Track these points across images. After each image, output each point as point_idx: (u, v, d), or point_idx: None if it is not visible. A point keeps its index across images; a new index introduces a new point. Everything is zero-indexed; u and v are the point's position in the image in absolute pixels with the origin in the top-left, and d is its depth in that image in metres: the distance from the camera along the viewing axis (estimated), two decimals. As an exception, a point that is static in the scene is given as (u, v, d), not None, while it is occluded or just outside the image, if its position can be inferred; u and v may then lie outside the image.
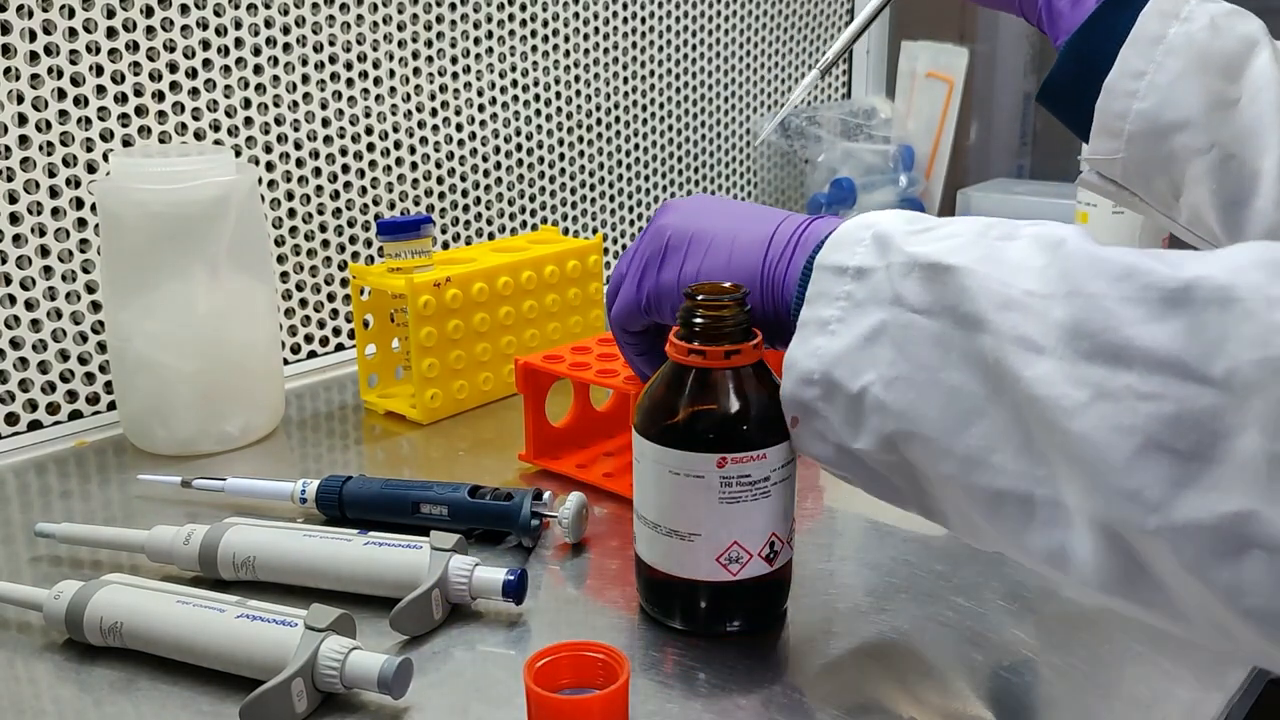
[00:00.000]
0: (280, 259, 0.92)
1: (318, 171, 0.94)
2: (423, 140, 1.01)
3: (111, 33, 0.79)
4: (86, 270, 0.81)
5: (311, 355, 0.96)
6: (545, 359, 0.71)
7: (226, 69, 0.86)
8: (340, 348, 0.98)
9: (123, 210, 0.72)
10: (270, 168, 0.91)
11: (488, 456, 0.76)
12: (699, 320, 0.50)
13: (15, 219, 0.77)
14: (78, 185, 0.79)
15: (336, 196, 0.95)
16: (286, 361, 0.93)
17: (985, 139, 1.51)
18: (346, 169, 0.95)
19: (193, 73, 0.84)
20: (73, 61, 0.78)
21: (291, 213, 0.93)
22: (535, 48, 1.08)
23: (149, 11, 0.81)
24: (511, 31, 1.06)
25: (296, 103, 0.91)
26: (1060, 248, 0.41)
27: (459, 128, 1.03)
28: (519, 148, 1.09)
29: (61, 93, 0.78)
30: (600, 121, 1.16)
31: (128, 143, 0.82)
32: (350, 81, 0.94)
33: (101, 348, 0.82)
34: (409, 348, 0.80)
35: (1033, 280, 0.41)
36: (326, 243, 0.95)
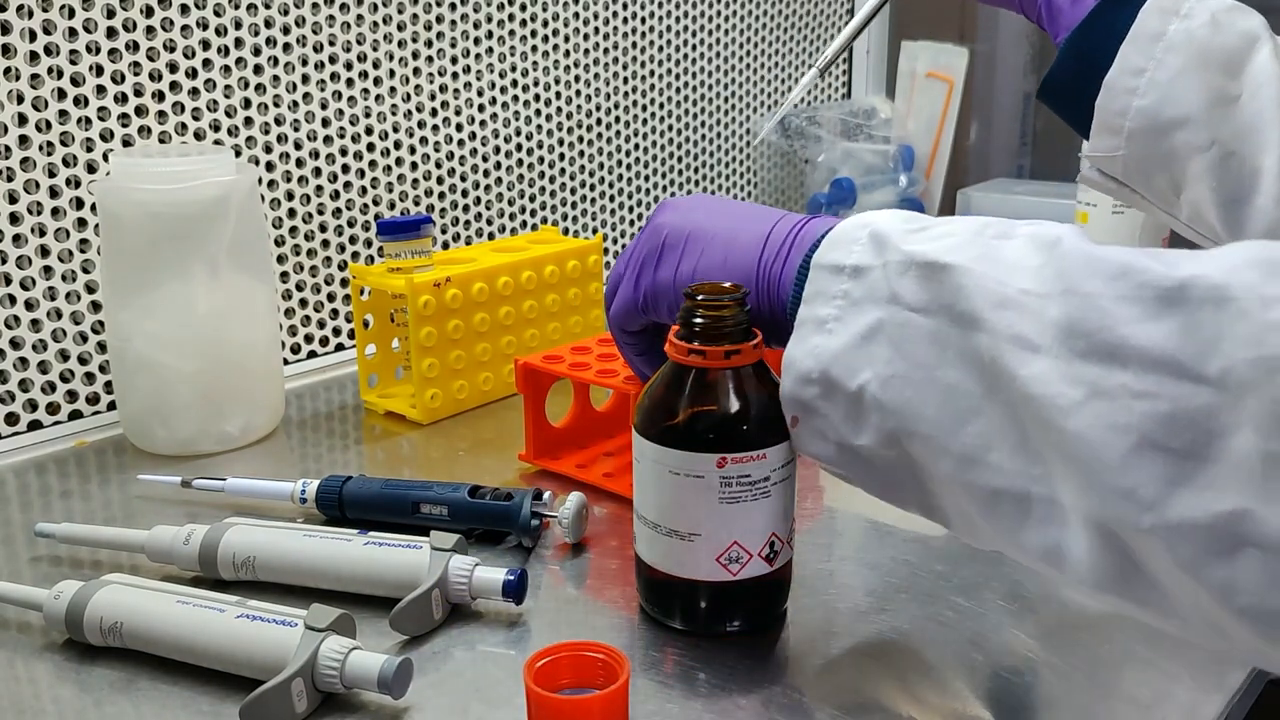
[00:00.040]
0: (280, 259, 0.92)
1: (318, 171, 0.94)
2: (423, 140, 1.01)
3: (111, 33, 0.79)
4: (86, 270, 0.81)
5: (311, 355, 0.96)
6: (545, 359, 0.71)
7: (226, 69, 0.86)
8: (340, 348, 0.98)
9: (123, 210, 0.72)
10: (270, 168, 0.91)
11: (488, 456, 0.76)
12: (699, 320, 0.50)
13: (15, 219, 0.77)
14: (78, 185, 0.80)
15: (336, 196, 0.95)
16: (286, 361, 0.93)
17: (985, 139, 1.51)
18: (346, 169, 0.96)
19: (193, 73, 0.84)
20: (73, 61, 0.78)
21: (291, 213, 0.93)
22: (535, 48, 1.08)
23: (149, 11, 0.81)
24: (511, 31, 1.06)
25: (296, 103, 0.91)
26: (1056, 247, 0.41)
27: (459, 128, 1.03)
28: (519, 148, 1.09)
29: (61, 93, 0.78)
30: (600, 121, 1.16)
31: (128, 143, 0.82)
32: (350, 81, 0.94)
33: (101, 348, 0.82)
34: (409, 348, 0.80)
35: (1028, 279, 0.41)
36: (326, 243, 0.95)
